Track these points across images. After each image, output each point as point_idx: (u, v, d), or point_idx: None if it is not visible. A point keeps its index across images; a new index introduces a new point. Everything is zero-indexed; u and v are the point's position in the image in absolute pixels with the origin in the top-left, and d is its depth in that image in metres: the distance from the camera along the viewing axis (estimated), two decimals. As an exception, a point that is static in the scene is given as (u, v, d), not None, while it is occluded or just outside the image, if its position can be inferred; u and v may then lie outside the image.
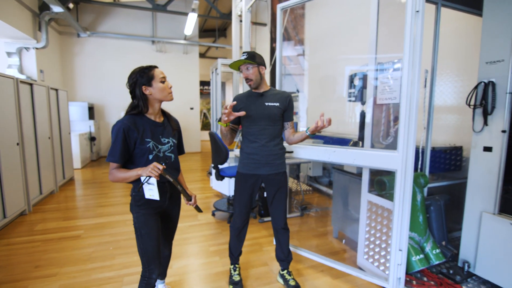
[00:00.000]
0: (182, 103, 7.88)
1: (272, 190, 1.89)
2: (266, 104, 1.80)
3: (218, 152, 2.98)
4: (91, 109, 6.81)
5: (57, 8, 4.63)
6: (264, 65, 1.83)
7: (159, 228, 1.48)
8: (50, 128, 4.08)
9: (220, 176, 3.10)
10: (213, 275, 2.18)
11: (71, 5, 5.78)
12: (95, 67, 7.01)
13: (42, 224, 3.11)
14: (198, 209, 1.57)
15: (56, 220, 3.23)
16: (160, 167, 1.28)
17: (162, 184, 1.43)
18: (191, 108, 8.03)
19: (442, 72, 2.82)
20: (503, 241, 1.83)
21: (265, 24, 6.18)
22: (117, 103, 7.25)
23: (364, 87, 2.20)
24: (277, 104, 1.81)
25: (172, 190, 1.51)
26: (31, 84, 3.60)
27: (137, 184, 1.39)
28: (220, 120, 1.66)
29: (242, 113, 1.65)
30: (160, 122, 1.45)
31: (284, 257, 2.03)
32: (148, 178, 1.33)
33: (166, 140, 1.46)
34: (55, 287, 2.02)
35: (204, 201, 3.92)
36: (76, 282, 2.08)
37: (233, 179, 3.34)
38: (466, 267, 2.05)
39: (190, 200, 1.49)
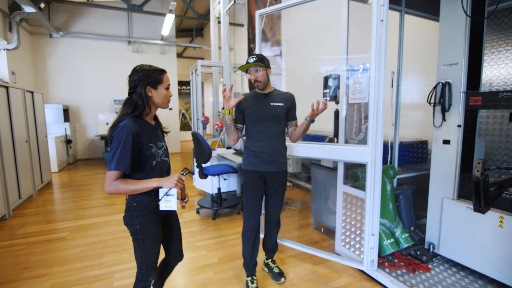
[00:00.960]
0: None
1: (274, 186, 1.97)
2: (272, 104, 1.89)
3: (201, 152, 3.07)
4: (66, 111, 6.61)
5: (29, 8, 4.48)
6: (270, 67, 1.93)
7: (161, 235, 1.43)
8: (27, 131, 3.97)
9: (203, 175, 3.19)
10: (200, 267, 2.29)
11: (42, 5, 5.58)
12: (69, 68, 6.81)
13: (23, 228, 3.06)
14: (183, 206, 1.55)
15: (38, 224, 3.18)
16: (184, 178, 1.28)
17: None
18: (170, 109, 8.01)
19: (409, 73, 3.08)
20: (461, 223, 2.07)
21: (242, 25, 6.29)
22: (93, 105, 7.09)
23: (338, 87, 2.38)
24: (282, 104, 1.90)
25: None
26: (7, 87, 3.50)
27: (139, 195, 1.32)
28: (223, 108, 1.74)
29: (241, 97, 1.76)
30: (154, 125, 1.41)
31: (271, 247, 2.16)
32: (169, 189, 1.29)
33: (161, 144, 1.41)
34: (46, 286, 2.05)
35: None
36: (67, 281, 2.12)
37: (216, 177, 3.44)
38: (431, 248, 2.29)
39: (184, 199, 1.46)
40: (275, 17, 4.94)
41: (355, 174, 2.34)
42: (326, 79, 2.56)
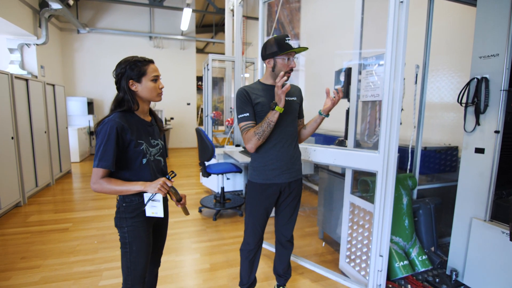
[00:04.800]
0: (179, 99, 7.89)
1: (288, 199, 1.64)
2: (287, 99, 1.52)
3: (204, 149, 2.94)
4: (90, 104, 6.90)
5: (55, 5, 4.67)
6: None
7: (151, 243, 1.31)
8: (46, 123, 4.13)
9: (206, 173, 3.06)
10: (190, 272, 2.15)
11: (71, 2, 5.81)
12: (94, 62, 7.07)
13: (34, 216, 3.16)
14: (186, 211, 1.40)
15: (48, 213, 3.27)
16: (169, 183, 1.18)
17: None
18: (188, 104, 8.05)
19: (439, 68, 2.67)
20: (494, 250, 1.71)
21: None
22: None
23: (349, 83, 2.09)
24: (295, 98, 1.58)
25: (164, 198, 1.35)
26: (26, 80, 3.64)
27: (129, 195, 1.23)
28: (276, 104, 1.37)
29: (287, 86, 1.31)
30: (150, 121, 1.30)
31: (283, 272, 1.83)
32: (154, 194, 1.19)
33: (155, 142, 1.30)
34: (37, 279, 2.05)
35: (194, 196, 3.90)
36: (57, 275, 2.10)
37: (220, 176, 3.29)
38: (454, 276, 1.94)
39: (181, 201, 1.32)
40: (295, 9, 4.65)
41: (365, 182, 2.05)
42: (338, 73, 2.27)
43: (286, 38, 1.47)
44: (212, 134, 4.02)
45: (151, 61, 1.24)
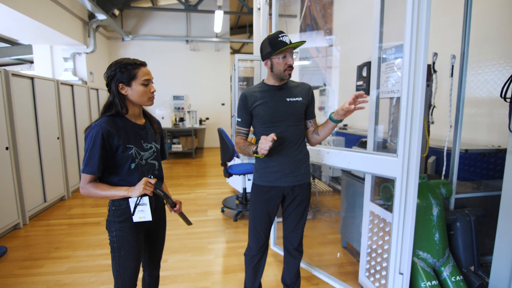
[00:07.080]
0: (214, 99, 8.09)
1: (293, 204, 1.58)
2: (288, 100, 1.50)
3: (225, 149, 2.94)
4: (135, 106, 7.45)
5: (101, 16, 5.11)
6: None
7: (141, 248, 1.30)
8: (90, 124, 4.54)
9: (228, 173, 3.05)
10: (201, 274, 2.15)
11: (117, 12, 6.31)
12: (136, 68, 7.64)
13: (74, 209, 3.49)
14: (186, 220, 1.34)
15: (85, 207, 3.59)
16: (152, 181, 1.16)
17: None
18: (223, 104, 8.19)
19: (488, 58, 2.29)
20: (548, 276, 1.40)
21: (295, 16, 5.87)
22: (155, 101, 7.79)
23: (369, 78, 1.90)
24: (300, 99, 1.51)
25: (156, 202, 1.34)
26: (71, 85, 4.04)
27: (118, 199, 1.22)
28: (256, 152, 1.37)
29: (272, 135, 1.31)
30: (142, 124, 1.29)
31: (290, 282, 1.74)
32: (140, 198, 1.18)
33: (149, 145, 1.29)
34: (64, 268, 2.23)
35: (218, 196, 3.95)
36: (82, 266, 2.26)
37: (242, 177, 3.26)
38: (497, 303, 1.63)
39: (174, 207, 1.30)
40: (327, 3, 4.43)
41: (387, 188, 1.83)
42: (360, 68, 2.08)
43: (280, 35, 1.39)
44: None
45: (143, 64, 1.23)
